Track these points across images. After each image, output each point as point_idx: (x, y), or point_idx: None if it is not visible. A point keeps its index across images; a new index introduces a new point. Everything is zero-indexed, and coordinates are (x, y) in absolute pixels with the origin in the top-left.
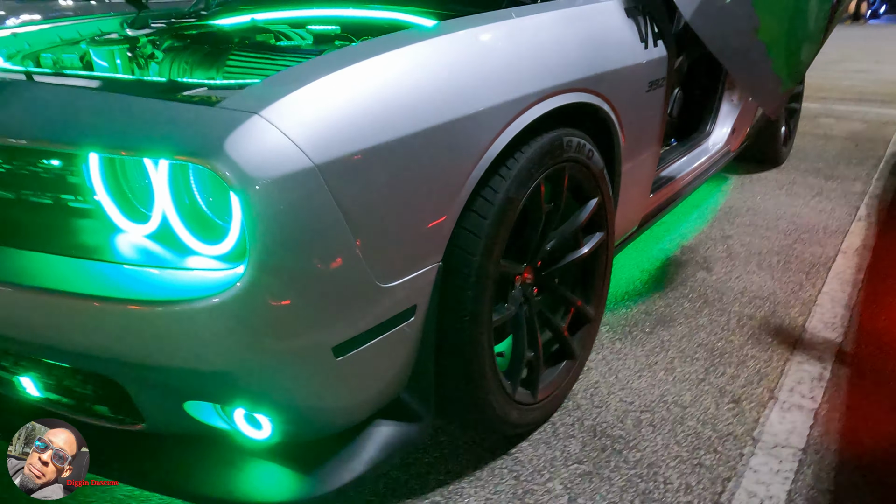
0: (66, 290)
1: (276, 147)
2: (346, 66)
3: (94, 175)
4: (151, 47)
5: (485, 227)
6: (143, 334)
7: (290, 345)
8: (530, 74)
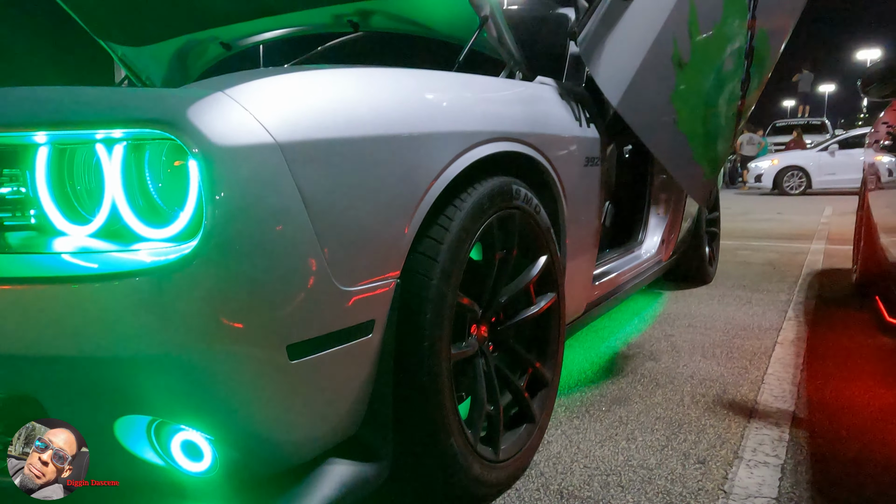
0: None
1: (238, 121)
2: (312, 70)
3: (39, 174)
4: None
5: (441, 251)
6: (80, 317)
7: (241, 332)
8: (482, 116)
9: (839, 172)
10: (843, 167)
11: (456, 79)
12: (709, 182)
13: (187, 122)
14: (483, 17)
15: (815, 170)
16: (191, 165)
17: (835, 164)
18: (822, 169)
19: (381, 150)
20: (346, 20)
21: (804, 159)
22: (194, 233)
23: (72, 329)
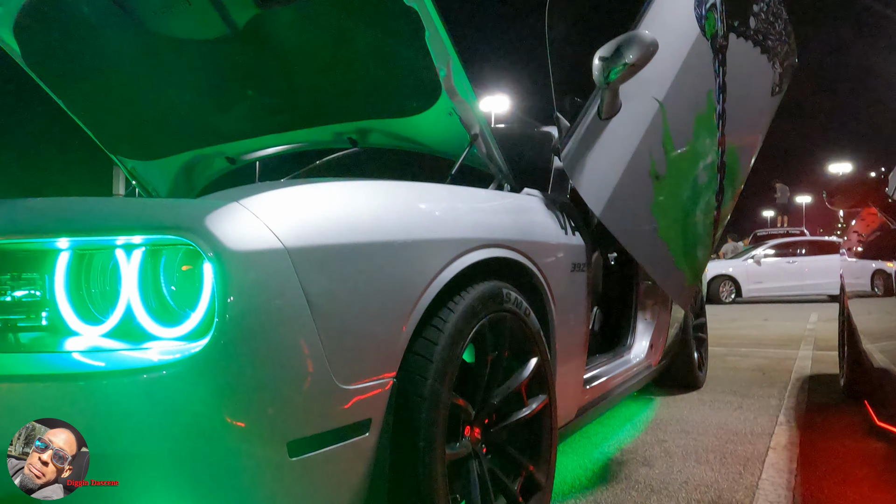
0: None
1: (250, 228)
2: (318, 182)
3: (58, 277)
4: None
5: (436, 352)
6: (88, 413)
7: (244, 428)
8: (473, 225)
9: (766, 281)
10: (770, 276)
11: (449, 190)
12: (691, 287)
13: (205, 228)
14: (473, 134)
15: (744, 279)
16: (205, 268)
17: (762, 273)
18: (751, 278)
19: (380, 256)
20: (345, 137)
21: (733, 268)
22: (205, 331)
23: (79, 425)
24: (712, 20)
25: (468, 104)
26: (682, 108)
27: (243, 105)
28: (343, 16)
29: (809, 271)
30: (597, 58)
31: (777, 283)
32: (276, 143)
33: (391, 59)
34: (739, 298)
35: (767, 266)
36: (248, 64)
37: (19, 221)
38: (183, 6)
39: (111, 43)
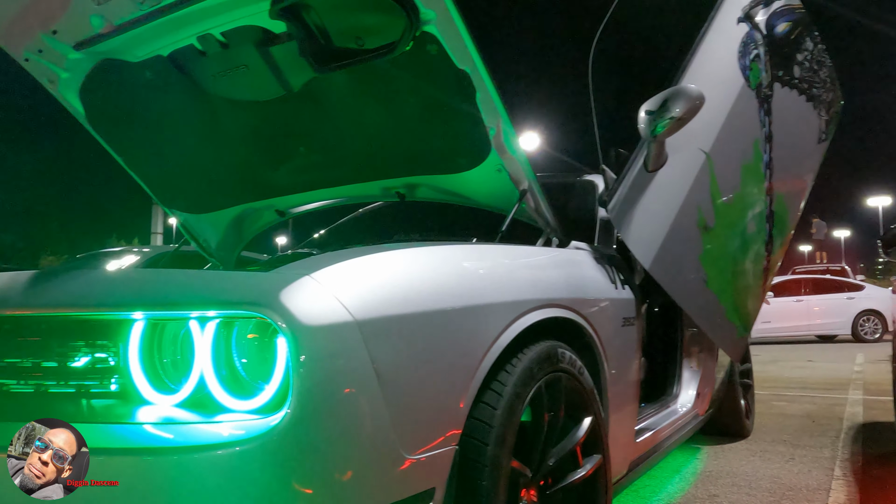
0: (100, 447)
1: (323, 301)
2: (382, 250)
3: (132, 347)
4: None
5: (496, 417)
6: (163, 488)
7: (314, 502)
8: (529, 285)
9: (775, 321)
10: (778, 315)
11: (503, 251)
12: (743, 339)
13: (280, 304)
14: (522, 190)
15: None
16: (279, 342)
17: (770, 312)
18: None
19: (442, 323)
20: (393, 192)
21: None
22: (279, 405)
23: (151, 499)
24: (757, 70)
25: (517, 160)
26: (728, 158)
27: (295, 161)
28: (397, 78)
29: (819, 310)
30: (643, 111)
31: (784, 324)
32: (325, 197)
33: (442, 119)
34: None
35: (777, 305)
36: (301, 123)
37: (97, 295)
38: (242, 70)
39: (171, 105)
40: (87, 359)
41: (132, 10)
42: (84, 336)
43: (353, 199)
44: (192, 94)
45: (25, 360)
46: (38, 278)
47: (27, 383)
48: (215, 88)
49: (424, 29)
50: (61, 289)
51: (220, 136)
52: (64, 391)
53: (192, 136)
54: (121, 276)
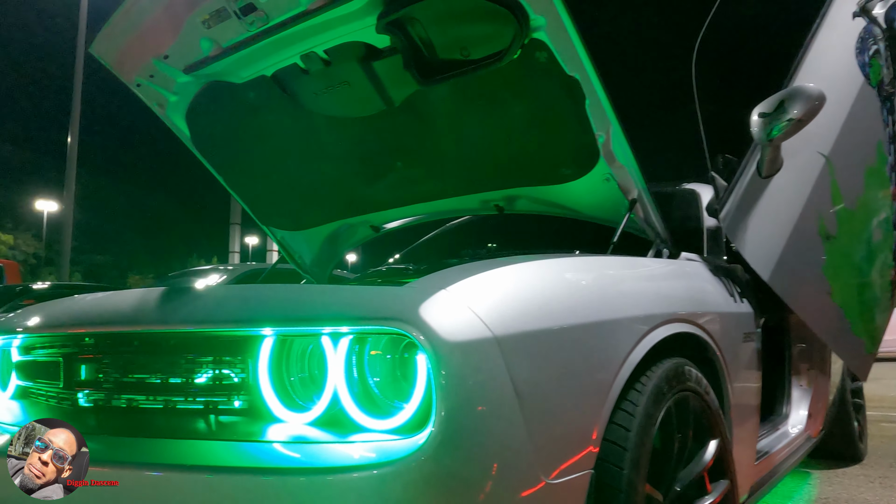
0: (226, 466)
1: (462, 317)
2: (516, 262)
3: (262, 364)
4: None
5: (629, 439)
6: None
7: None
8: (654, 298)
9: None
10: None
11: (625, 262)
12: (871, 356)
13: (420, 319)
14: (632, 199)
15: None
16: (419, 360)
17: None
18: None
19: (577, 339)
20: (492, 205)
21: None
22: (419, 425)
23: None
24: (877, 67)
25: (627, 169)
26: (850, 161)
27: (392, 176)
28: (501, 88)
29: None
30: (756, 114)
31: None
32: (421, 211)
33: (547, 127)
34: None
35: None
36: (400, 137)
37: (229, 311)
38: (343, 87)
39: (272, 124)
40: (215, 375)
41: (240, 31)
42: (212, 352)
43: (450, 213)
44: (293, 112)
45: (153, 376)
46: (168, 295)
47: (155, 399)
48: (316, 106)
49: (534, 36)
50: (192, 306)
51: (318, 154)
52: (191, 407)
53: (292, 155)
54: (252, 292)
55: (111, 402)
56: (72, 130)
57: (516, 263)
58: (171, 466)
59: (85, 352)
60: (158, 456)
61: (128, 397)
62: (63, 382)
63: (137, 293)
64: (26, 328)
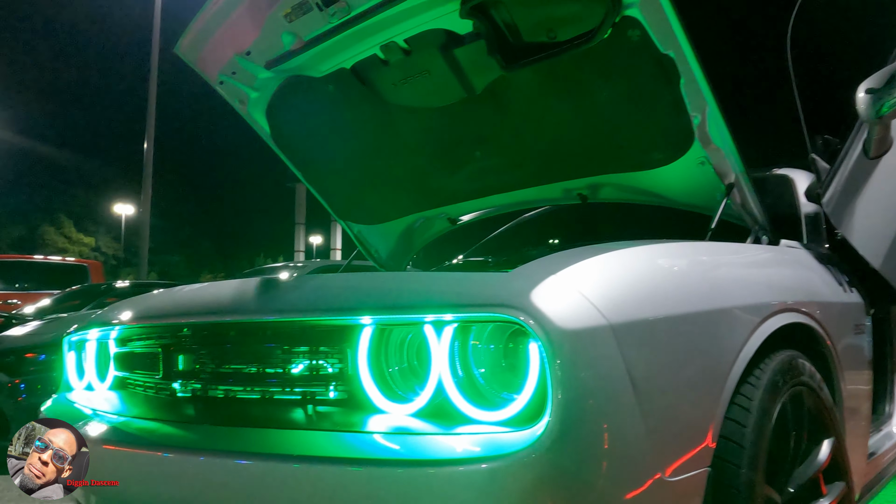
0: (326, 456)
1: (576, 304)
2: (622, 248)
3: (361, 353)
4: None
5: (746, 435)
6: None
7: None
8: (766, 287)
9: None
10: None
11: (731, 249)
12: None
13: (533, 306)
14: (728, 184)
15: None
16: (531, 349)
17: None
18: None
19: (691, 328)
20: (575, 193)
21: None
22: (530, 418)
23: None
24: None
25: (724, 151)
26: None
27: (471, 167)
28: (589, 69)
29: None
30: (862, 90)
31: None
32: (500, 202)
33: (638, 110)
34: None
35: None
36: (480, 126)
37: (328, 300)
38: (423, 76)
39: (350, 117)
40: (313, 365)
41: (322, 23)
42: (310, 342)
43: (530, 203)
44: (371, 104)
45: (251, 366)
46: (265, 286)
47: (252, 389)
48: (395, 97)
49: (626, 13)
50: (290, 295)
51: (396, 146)
52: (289, 397)
53: (370, 148)
54: (352, 281)
55: (209, 392)
56: (147, 137)
57: (623, 249)
58: (269, 456)
59: (183, 342)
60: (256, 445)
61: (225, 387)
62: (161, 373)
63: (234, 284)
64: (125, 320)
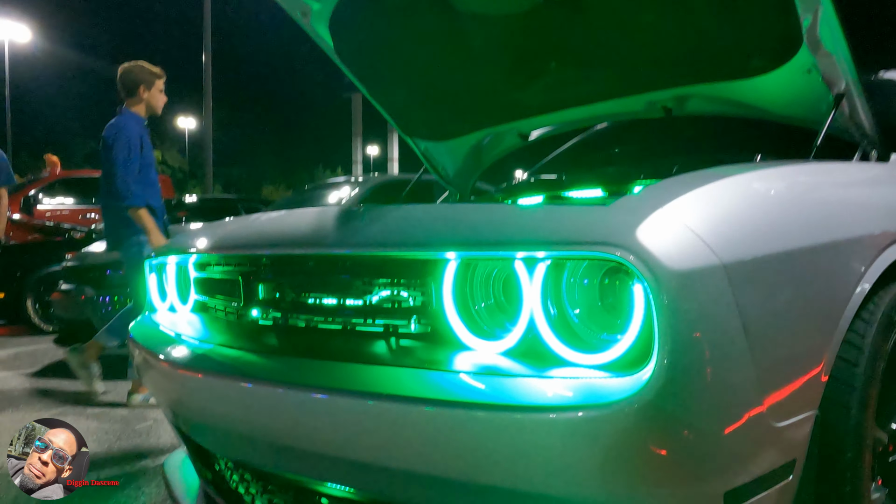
0: (416, 396)
1: (686, 241)
2: (733, 173)
3: (446, 287)
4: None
5: (857, 376)
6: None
7: (686, 485)
8: (886, 213)
9: None
10: None
11: (846, 170)
12: None
13: (639, 244)
14: (837, 94)
15: None
16: (636, 290)
17: None
18: None
19: (807, 264)
20: (659, 106)
21: None
22: (634, 363)
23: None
24: None
25: (836, 58)
26: None
27: (545, 78)
28: None
29: None
30: None
31: None
32: (576, 117)
33: (736, 11)
34: None
35: None
36: (556, 33)
37: (412, 234)
38: None
39: (417, 28)
40: (396, 298)
41: None
42: (392, 275)
43: (609, 117)
44: (439, 13)
45: (332, 297)
46: (346, 217)
47: (334, 320)
48: (465, 4)
49: None
50: (373, 228)
51: (466, 58)
52: (370, 330)
53: (437, 60)
54: (437, 214)
55: (289, 321)
56: (205, 50)
57: (730, 176)
58: (349, 392)
59: (263, 272)
60: (338, 380)
61: (306, 317)
62: (242, 301)
63: (313, 213)
64: (203, 248)
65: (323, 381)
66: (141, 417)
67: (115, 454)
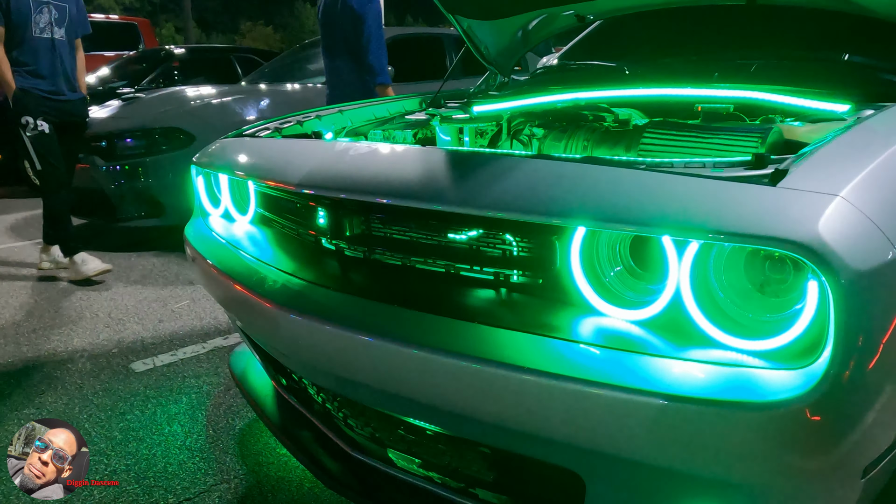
0: (560, 373)
1: (863, 233)
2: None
3: (574, 254)
4: (525, 126)
5: None
6: (668, 432)
7: (836, 461)
8: None
9: None
10: None
11: None
12: None
13: (819, 240)
14: None
15: None
16: (810, 286)
17: None
18: None
19: None
20: None
21: None
22: (800, 356)
23: (633, 436)
24: None
25: None
26: None
27: None
28: None
29: None
30: None
31: None
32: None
33: None
34: None
35: None
36: None
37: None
38: None
39: None
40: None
41: None
42: (511, 230)
43: (682, 1)
44: None
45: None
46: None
47: (435, 263)
48: None
49: None
50: (493, 189)
51: None
52: (481, 278)
53: None
54: (568, 180)
55: (385, 259)
56: None
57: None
58: (443, 351)
59: (358, 210)
60: (445, 338)
61: (401, 256)
62: (324, 229)
63: (420, 157)
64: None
65: (416, 338)
66: (176, 297)
67: (164, 335)
